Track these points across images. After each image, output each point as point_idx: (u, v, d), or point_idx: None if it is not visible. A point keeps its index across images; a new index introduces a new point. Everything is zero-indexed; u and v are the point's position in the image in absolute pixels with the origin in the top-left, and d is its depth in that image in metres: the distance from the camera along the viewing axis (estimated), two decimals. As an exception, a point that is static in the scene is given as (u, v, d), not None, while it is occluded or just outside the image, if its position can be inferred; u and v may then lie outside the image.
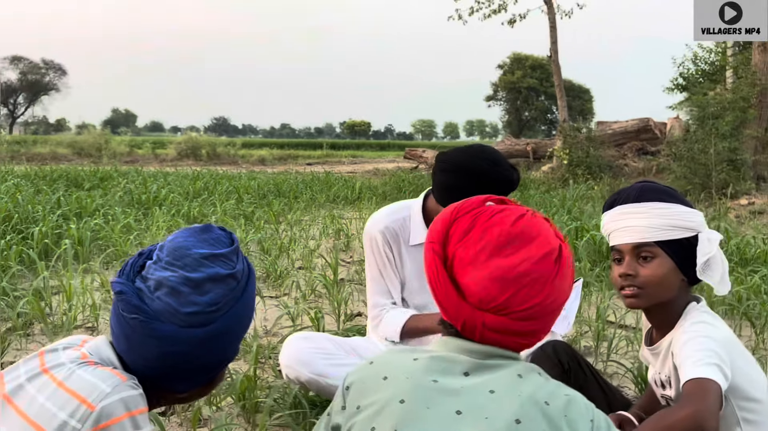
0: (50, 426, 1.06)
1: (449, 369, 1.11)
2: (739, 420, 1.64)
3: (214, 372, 1.27)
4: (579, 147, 12.98)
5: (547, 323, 1.14)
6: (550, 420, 1.04)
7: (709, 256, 1.68)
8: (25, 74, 74.52)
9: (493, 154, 2.34)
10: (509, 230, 1.12)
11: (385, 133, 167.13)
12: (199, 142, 23.42)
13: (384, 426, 1.05)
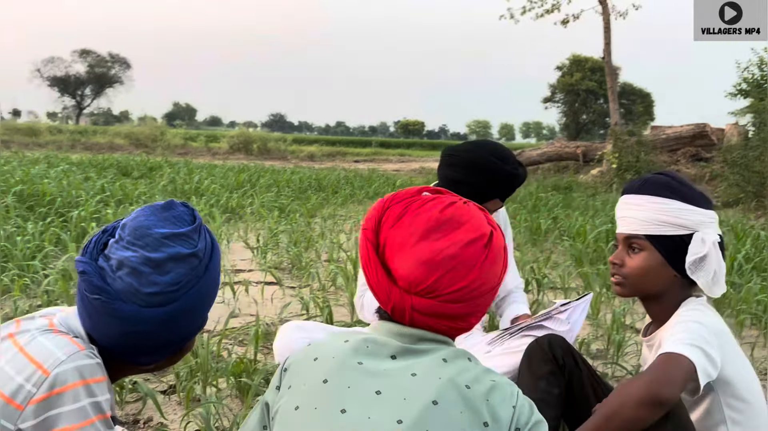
0: (7, 389, 1.11)
1: (377, 351, 1.13)
2: (726, 418, 1.63)
3: (178, 346, 1.30)
4: (629, 151, 12.68)
5: (478, 306, 1.14)
6: (468, 402, 1.05)
7: (698, 256, 1.66)
8: (93, 67, 77.28)
9: (501, 151, 2.35)
10: (438, 216, 1.13)
11: (438, 133, 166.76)
12: (251, 136, 23.89)
13: (306, 404, 1.08)
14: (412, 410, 1.04)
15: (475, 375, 1.10)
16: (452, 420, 1.04)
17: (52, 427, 1.10)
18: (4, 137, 24.09)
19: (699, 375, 1.51)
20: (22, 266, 3.71)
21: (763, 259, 4.49)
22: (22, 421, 1.09)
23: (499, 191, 2.33)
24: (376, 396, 1.07)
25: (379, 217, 1.19)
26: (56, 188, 6.23)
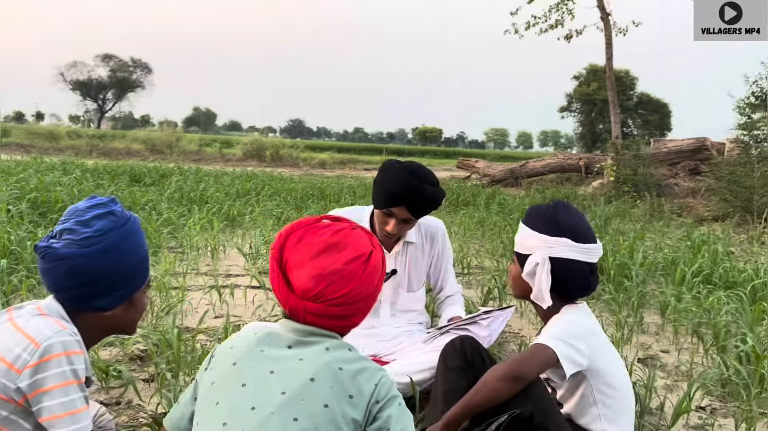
0: (9, 356, 1.52)
1: (277, 342, 1.48)
2: (596, 401, 2.02)
3: (123, 290, 1.70)
4: (627, 164, 12.93)
5: (359, 309, 1.51)
6: (338, 380, 1.39)
7: (527, 272, 2.11)
8: (115, 72, 78.43)
9: (416, 168, 2.71)
10: (328, 239, 1.50)
11: (456, 140, 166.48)
12: (264, 143, 24.36)
13: (218, 381, 1.45)
14: (294, 384, 1.38)
15: (349, 360, 1.43)
16: (323, 393, 1.37)
17: (41, 386, 1.50)
18: (25, 141, 24.84)
19: (562, 362, 1.91)
20: (30, 268, 4.13)
21: (712, 273, 4.80)
22: (20, 381, 1.49)
23: (404, 198, 2.65)
24: (270, 374, 1.41)
25: (285, 239, 1.53)
26: (68, 195, 6.69)
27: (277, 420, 1.35)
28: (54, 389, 1.51)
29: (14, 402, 1.51)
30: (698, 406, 2.84)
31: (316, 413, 1.35)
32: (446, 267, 3.07)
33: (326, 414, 1.35)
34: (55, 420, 1.51)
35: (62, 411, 1.51)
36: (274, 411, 1.36)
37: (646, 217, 9.66)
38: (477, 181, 16.75)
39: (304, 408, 1.36)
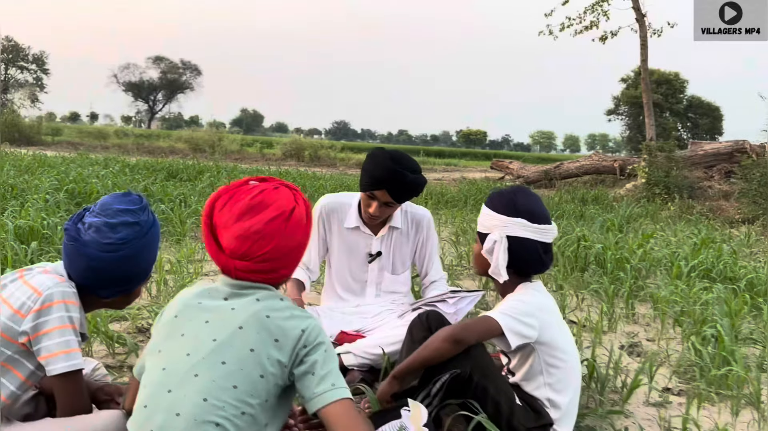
0: (16, 304, 1.81)
1: (214, 294, 1.62)
2: (543, 370, 2.21)
3: (126, 286, 1.96)
4: (659, 166, 12.83)
5: (285, 263, 1.62)
6: (265, 326, 1.53)
7: (486, 249, 2.29)
8: (165, 73, 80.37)
9: (399, 155, 2.92)
10: (249, 202, 1.60)
11: (501, 143, 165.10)
12: (303, 144, 24.78)
13: (163, 331, 1.63)
14: (225, 332, 1.53)
15: (277, 308, 1.56)
16: (250, 338, 1.51)
17: (42, 328, 1.78)
18: (76, 139, 25.89)
19: (507, 335, 2.11)
20: (59, 249, 4.49)
21: (712, 269, 4.87)
22: (24, 325, 1.78)
23: (384, 182, 2.84)
24: (205, 324, 1.57)
25: (213, 204, 1.65)
26: (103, 187, 7.11)
27: (207, 363, 1.50)
28: (52, 331, 1.79)
29: (18, 343, 1.79)
30: (665, 387, 2.98)
31: (243, 356, 1.50)
32: (431, 254, 3.25)
33: (252, 357, 1.50)
34: (51, 358, 1.78)
35: (58, 349, 1.78)
36: (204, 356, 1.51)
37: (675, 219, 9.63)
38: (510, 182, 16.79)
39: (232, 352, 1.50)
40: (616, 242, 5.97)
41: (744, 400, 2.83)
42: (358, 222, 3.10)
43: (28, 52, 68.09)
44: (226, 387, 1.47)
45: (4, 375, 1.80)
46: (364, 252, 3.14)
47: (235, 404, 1.47)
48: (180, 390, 1.48)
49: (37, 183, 7.29)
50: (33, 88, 60.96)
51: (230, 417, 1.46)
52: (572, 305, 4.25)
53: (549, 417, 2.18)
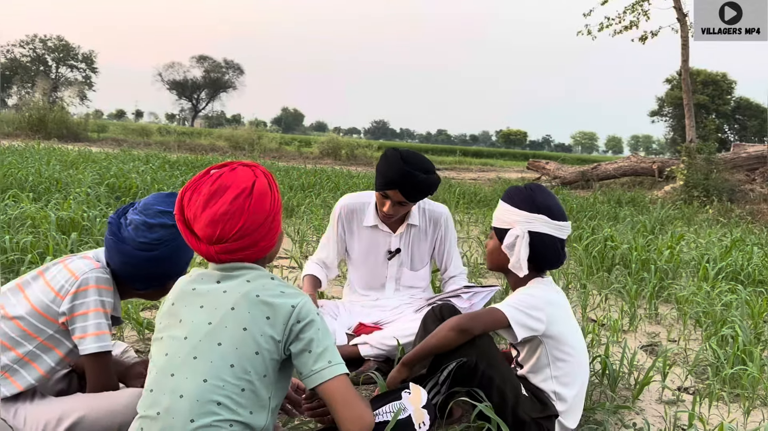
0: (57, 287, 1.98)
1: (207, 279, 1.69)
2: (550, 363, 2.27)
3: (159, 282, 2.09)
4: (698, 169, 12.61)
5: (260, 235, 1.66)
6: (255, 305, 1.60)
7: (507, 244, 2.32)
8: (209, 72, 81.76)
9: (410, 155, 2.98)
10: (209, 190, 1.64)
11: (542, 144, 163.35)
12: (340, 142, 24.97)
13: (163, 320, 1.71)
14: (218, 314, 1.60)
15: (267, 287, 1.62)
16: (242, 318, 1.58)
17: (78, 310, 1.95)
18: (120, 136, 26.58)
19: (513, 327, 2.16)
20: (98, 240, 4.70)
21: (740, 272, 4.82)
22: (63, 306, 1.94)
23: (396, 182, 2.92)
24: (200, 308, 1.64)
25: (181, 200, 1.70)
26: (142, 182, 7.35)
27: (204, 346, 1.58)
28: (86, 313, 1.95)
29: (58, 323, 1.96)
30: (680, 386, 3.00)
31: (237, 336, 1.57)
32: (449, 250, 3.31)
33: (246, 336, 1.57)
34: (83, 338, 1.95)
35: (90, 331, 1.95)
36: (201, 339, 1.59)
37: (712, 222, 9.47)
38: (546, 183, 16.67)
39: (227, 333, 1.58)
40: (647, 244, 5.94)
41: (758, 401, 2.83)
42: (377, 221, 3.18)
43: (77, 51, 70.10)
44: (224, 367, 1.56)
45: (45, 353, 1.97)
46: (383, 249, 3.22)
47: (234, 382, 1.55)
48: (182, 373, 1.57)
49: (80, 177, 7.57)
50: (82, 87, 62.72)
51: (231, 395, 1.55)
52: (593, 304, 4.27)
53: (554, 409, 2.23)
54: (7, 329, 1.95)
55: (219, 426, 1.54)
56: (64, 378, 2.27)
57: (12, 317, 1.96)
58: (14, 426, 1.89)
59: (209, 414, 1.53)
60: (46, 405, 1.96)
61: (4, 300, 2.01)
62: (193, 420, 1.52)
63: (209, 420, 1.53)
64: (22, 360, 1.95)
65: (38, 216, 4.88)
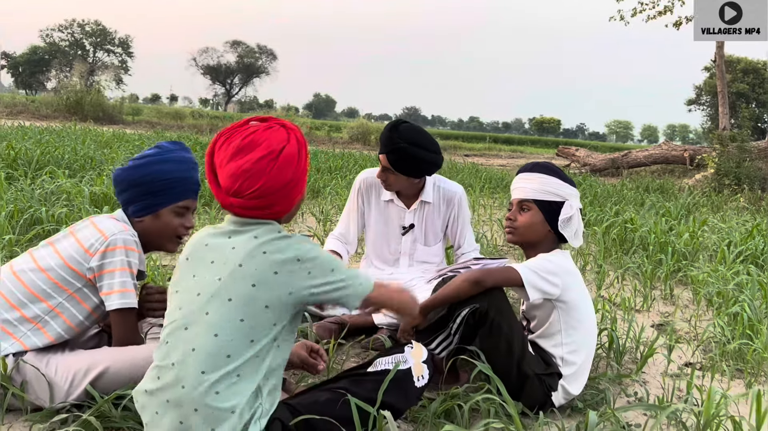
0: (86, 244, 2.12)
1: (219, 234, 1.75)
2: (561, 329, 2.36)
3: (147, 201, 2.19)
4: (729, 157, 12.41)
5: (276, 199, 1.71)
6: (262, 261, 1.65)
7: (566, 217, 2.40)
8: (242, 57, 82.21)
9: (402, 125, 3.07)
10: (240, 143, 1.69)
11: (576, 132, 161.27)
12: (369, 127, 25.03)
13: (179, 274, 1.81)
14: (227, 270, 1.66)
15: (274, 242, 1.67)
16: (250, 274, 1.64)
17: (104, 269, 2.09)
18: (154, 119, 27.04)
19: (526, 287, 2.25)
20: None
21: (760, 256, 4.82)
22: (92, 262, 2.09)
23: (384, 146, 3.03)
24: (210, 264, 1.70)
25: (213, 145, 1.75)
26: (173, 161, 7.54)
27: (215, 302, 1.65)
28: (113, 272, 2.09)
29: (86, 278, 2.11)
30: (687, 362, 3.06)
31: (246, 292, 1.64)
32: (462, 228, 3.39)
33: (254, 291, 1.64)
34: (109, 295, 2.10)
35: (116, 288, 2.09)
36: (212, 294, 1.66)
37: (741, 210, 9.35)
38: (576, 170, 16.56)
39: (236, 289, 1.64)
40: (670, 228, 5.94)
41: (763, 377, 2.88)
42: (393, 196, 3.28)
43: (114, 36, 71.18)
44: (234, 322, 1.63)
45: (74, 306, 2.12)
46: (397, 224, 3.32)
47: (243, 336, 1.64)
48: (194, 327, 1.67)
49: (113, 156, 7.81)
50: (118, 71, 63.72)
51: (240, 348, 1.64)
52: (608, 284, 4.32)
53: (557, 369, 2.33)
54: (38, 280, 2.10)
55: (227, 377, 1.64)
56: (94, 337, 2.43)
57: (43, 269, 2.11)
58: (46, 374, 2.04)
59: (219, 367, 1.63)
60: (75, 357, 2.11)
61: (36, 253, 2.17)
62: (204, 372, 1.62)
63: (219, 372, 1.62)
64: (53, 312, 2.10)
65: (73, 191, 5.10)
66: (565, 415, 2.33)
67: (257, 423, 1.67)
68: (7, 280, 2.12)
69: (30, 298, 2.09)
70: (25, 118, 19.32)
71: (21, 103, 27.26)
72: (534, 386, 2.25)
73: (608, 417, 2.18)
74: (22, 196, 4.78)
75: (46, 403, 2.05)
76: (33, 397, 2.06)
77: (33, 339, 2.08)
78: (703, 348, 3.26)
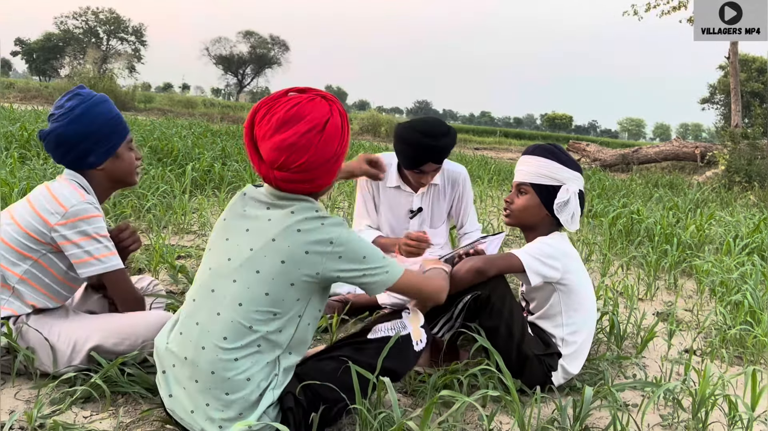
0: (44, 212, 2.09)
1: (258, 204, 1.76)
2: (561, 311, 2.39)
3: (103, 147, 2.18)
4: (740, 154, 12.34)
5: (321, 173, 1.71)
6: (295, 239, 1.66)
7: (563, 201, 2.40)
8: (255, 48, 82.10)
9: (426, 127, 3.01)
10: (284, 114, 1.66)
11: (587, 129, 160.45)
12: (379, 119, 25.08)
13: (215, 234, 1.84)
14: (260, 242, 1.68)
15: (309, 221, 1.68)
16: (282, 250, 1.66)
17: (67, 240, 2.06)
18: (166, 107, 27.17)
19: (528, 272, 2.27)
20: (138, 194, 4.95)
21: (766, 249, 4.82)
22: (52, 232, 2.06)
23: (426, 157, 3.00)
24: (245, 232, 1.73)
25: (253, 116, 1.71)
26: (183, 146, 7.60)
27: (244, 271, 1.67)
28: (77, 242, 2.08)
29: (50, 245, 2.10)
30: (687, 349, 3.08)
31: (275, 267, 1.65)
32: (466, 208, 3.41)
33: (283, 268, 1.65)
34: (82, 263, 2.09)
35: (84, 257, 2.09)
36: (242, 263, 1.68)
37: (750, 207, 9.30)
38: (586, 165, 16.51)
39: (265, 262, 1.66)
40: (677, 221, 5.94)
41: (763, 364, 2.90)
42: (399, 182, 3.28)
43: (128, 24, 71.35)
44: (259, 294, 1.66)
45: (40, 271, 2.12)
46: (405, 209, 3.33)
47: (266, 309, 1.67)
48: (221, 292, 1.70)
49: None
50: (131, 59, 63.90)
51: (263, 319, 1.67)
52: (612, 273, 4.34)
53: (557, 349, 2.36)
54: (2, 251, 2.10)
55: (247, 347, 1.67)
56: (96, 302, 2.46)
57: (3, 239, 2.10)
58: (49, 339, 2.08)
59: (241, 336, 1.66)
60: (78, 323, 2.15)
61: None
62: (225, 338, 1.66)
63: (240, 342, 1.66)
64: (22, 280, 2.10)
65: (84, 171, 5.15)
66: (564, 394, 2.36)
67: (271, 393, 1.70)
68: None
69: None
70: (39, 103, 19.45)
71: (35, 88, 27.44)
72: (534, 366, 2.28)
73: (605, 393, 2.20)
74: (34, 174, 4.84)
75: (50, 369, 2.09)
76: (37, 363, 2.10)
77: (17, 304, 2.10)
78: (704, 336, 3.27)
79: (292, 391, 1.74)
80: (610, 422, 1.99)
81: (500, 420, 2.15)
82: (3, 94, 23.02)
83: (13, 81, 34.86)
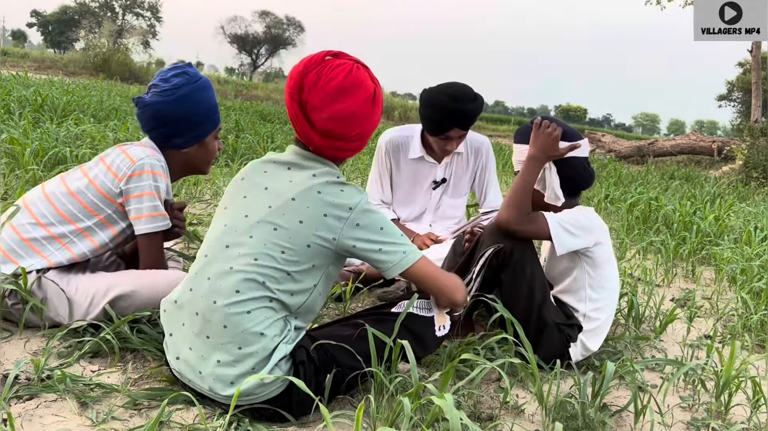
0: (115, 169, 2.13)
1: (278, 165, 1.77)
2: (587, 285, 2.32)
3: (195, 132, 2.22)
4: (759, 149, 12.18)
5: (363, 143, 1.77)
6: (315, 201, 1.66)
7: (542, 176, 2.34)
8: (270, 28, 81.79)
9: (453, 90, 2.95)
10: (342, 82, 1.66)
11: (602, 122, 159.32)
12: (393, 103, 25.05)
13: (231, 191, 1.83)
14: (279, 201, 1.68)
15: (330, 184, 1.67)
16: (301, 211, 1.65)
17: (131, 193, 2.11)
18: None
19: (553, 237, 2.20)
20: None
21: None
22: (121, 185, 2.10)
23: (453, 122, 2.94)
24: (264, 190, 1.72)
25: (301, 80, 1.68)
26: (196, 116, 7.57)
27: (261, 227, 1.67)
28: (141, 196, 2.11)
29: (116, 203, 2.13)
30: (706, 334, 3.01)
31: (293, 226, 1.65)
32: (489, 179, 3.32)
33: (301, 229, 1.65)
34: (138, 219, 2.12)
35: (144, 213, 2.12)
36: (260, 220, 1.68)
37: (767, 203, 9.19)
38: (601, 156, 16.37)
39: (284, 221, 1.65)
40: (694, 211, 5.85)
41: (785, 350, 2.83)
42: (422, 153, 3.19)
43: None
44: (275, 252, 1.64)
45: (102, 229, 2.15)
46: (428, 180, 3.25)
47: (280, 268, 1.65)
48: (235, 248, 1.68)
49: (138, 109, 7.82)
50: (146, 34, 63.84)
51: (276, 277, 1.65)
52: (629, 258, 4.26)
53: (578, 321, 2.29)
54: (69, 204, 2.12)
55: (261, 301, 1.64)
56: (110, 265, 2.44)
57: (73, 193, 2.13)
58: (67, 291, 2.06)
59: (252, 290, 1.64)
60: (97, 278, 2.14)
61: (67, 178, 2.19)
62: (238, 291, 1.63)
63: (251, 295, 1.63)
64: (81, 234, 2.12)
65: (98, 137, 5.12)
66: (581, 371, 2.31)
67: (284, 346, 1.67)
68: (39, 201, 2.15)
69: (59, 220, 2.11)
70: (53, 74, 19.45)
71: (49, 59, 27.47)
72: (553, 334, 2.22)
73: (626, 369, 2.14)
74: (47, 137, 4.81)
75: (65, 320, 2.08)
76: (53, 313, 2.09)
77: (58, 256, 2.11)
78: (723, 322, 3.20)
79: (305, 345, 1.71)
80: (630, 400, 1.93)
81: (516, 393, 2.09)
82: (17, 64, 23.03)
83: (28, 51, 34.89)
